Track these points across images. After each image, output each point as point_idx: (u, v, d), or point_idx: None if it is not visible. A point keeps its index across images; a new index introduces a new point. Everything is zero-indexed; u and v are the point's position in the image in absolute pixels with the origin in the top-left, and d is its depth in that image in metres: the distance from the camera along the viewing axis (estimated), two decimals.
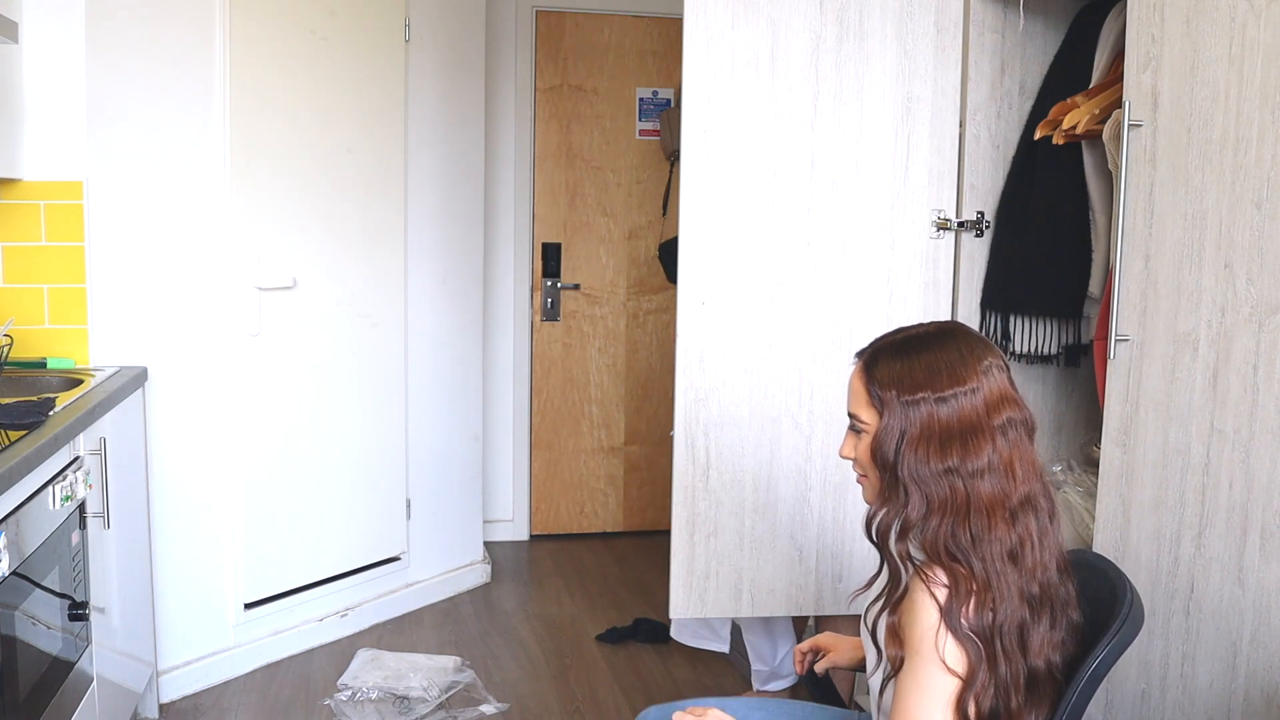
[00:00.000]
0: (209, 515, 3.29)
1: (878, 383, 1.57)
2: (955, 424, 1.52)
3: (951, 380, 1.54)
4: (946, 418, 1.53)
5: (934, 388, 1.53)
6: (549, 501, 4.85)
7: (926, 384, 1.54)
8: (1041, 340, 2.78)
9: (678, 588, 2.84)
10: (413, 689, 3.25)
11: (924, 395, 1.53)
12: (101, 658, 2.53)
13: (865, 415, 1.59)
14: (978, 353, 1.57)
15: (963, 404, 1.53)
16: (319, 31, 3.46)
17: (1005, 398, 1.56)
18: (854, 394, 1.61)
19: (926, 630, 1.48)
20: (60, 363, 2.95)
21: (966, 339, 1.59)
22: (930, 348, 1.57)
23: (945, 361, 1.55)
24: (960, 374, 1.54)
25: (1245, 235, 1.88)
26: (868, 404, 1.58)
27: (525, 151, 4.65)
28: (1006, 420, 1.54)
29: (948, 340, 1.58)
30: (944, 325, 1.64)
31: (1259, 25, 1.85)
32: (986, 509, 1.51)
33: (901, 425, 1.54)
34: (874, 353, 1.61)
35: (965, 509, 1.51)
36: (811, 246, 2.79)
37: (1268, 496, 1.85)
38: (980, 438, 1.52)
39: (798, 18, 2.71)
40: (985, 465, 1.51)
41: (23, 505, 2.03)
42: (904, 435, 1.53)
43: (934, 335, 1.60)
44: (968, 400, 1.53)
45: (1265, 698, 1.85)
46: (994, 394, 1.54)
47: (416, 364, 3.94)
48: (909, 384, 1.54)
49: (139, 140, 3.04)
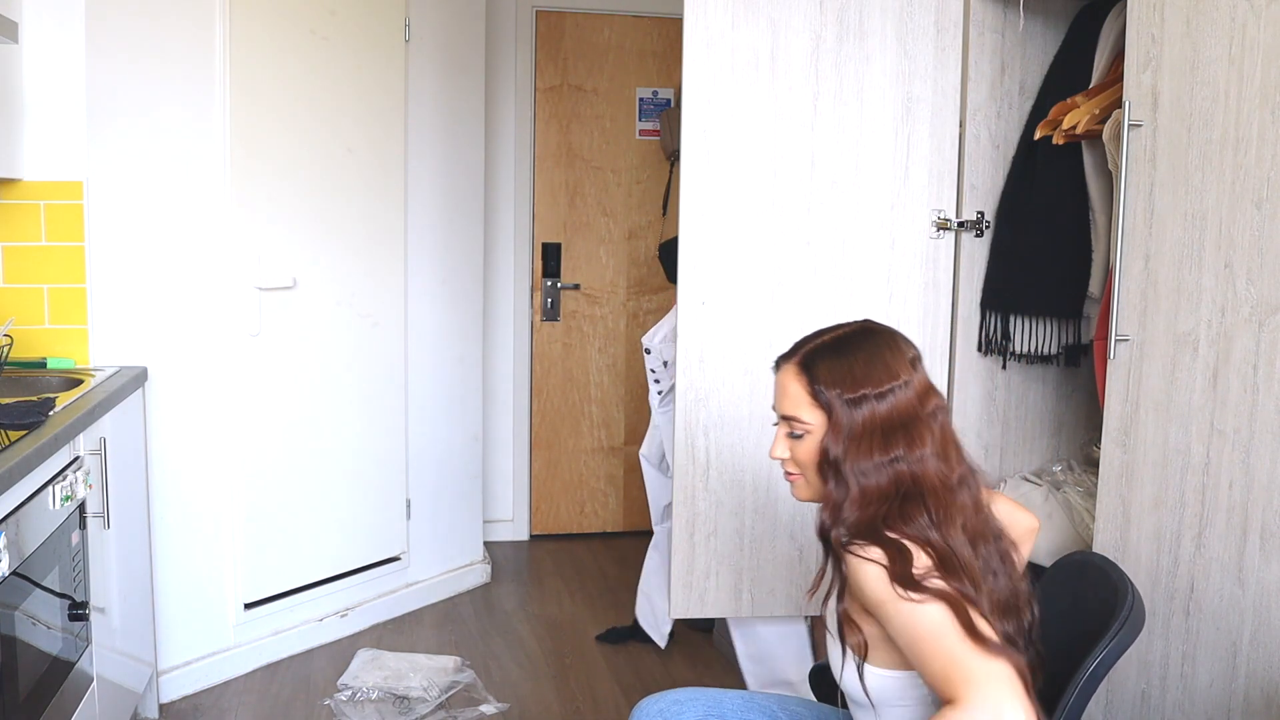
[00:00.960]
0: (209, 515, 3.29)
1: (821, 383, 1.62)
2: (896, 417, 1.60)
3: (888, 375, 1.61)
4: (887, 412, 1.60)
5: (873, 384, 1.61)
6: (549, 501, 4.85)
7: (866, 381, 1.61)
8: (1041, 340, 2.78)
9: (678, 588, 2.85)
10: (413, 689, 3.25)
11: (865, 392, 1.60)
12: (101, 658, 2.53)
13: (807, 416, 1.64)
14: (903, 347, 1.66)
15: (900, 398, 1.61)
16: (319, 31, 3.46)
17: (930, 387, 1.66)
18: (791, 396, 1.66)
19: (878, 582, 1.52)
20: (60, 363, 2.95)
21: (889, 335, 1.68)
22: (863, 345, 1.65)
23: (879, 358, 1.63)
24: (894, 369, 1.62)
25: (1245, 235, 1.88)
26: (810, 405, 1.63)
27: (525, 151, 4.65)
28: (935, 407, 1.64)
29: (875, 337, 1.67)
30: (864, 324, 1.71)
31: (1259, 25, 1.85)
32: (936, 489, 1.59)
33: (847, 423, 1.60)
34: (809, 354, 1.66)
35: (915, 492, 1.58)
36: (811, 246, 2.79)
37: (1268, 496, 1.85)
38: (920, 426, 1.61)
39: (798, 18, 2.71)
40: (927, 452, 1.60)
41: (23, 505, 2.03)
42: (850, 432, 1.60)
43: (860, 333, 1.68)
44: (904, 394, 1.61)
45: (1265, 698, 1.85)
46: (923, 384, 1.64)
47: (416, 364, 3.94)
48: (850, 382, 1.61)
49: (139, 140, 3.04)
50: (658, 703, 1.91)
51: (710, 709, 1.88)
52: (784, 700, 1.95)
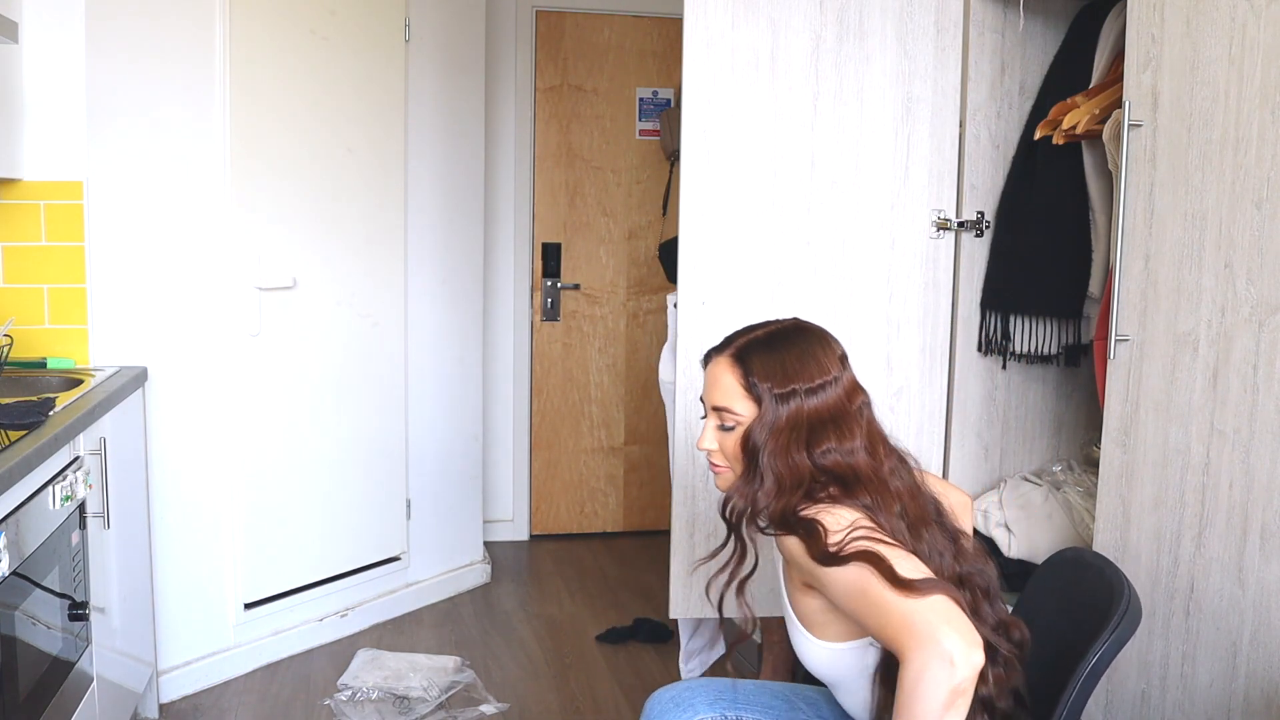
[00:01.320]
0: (209, 515, 3.29)
1: (755, 375, 1.66)
2: (825, 412, 1.65)
3: (819, 371, 1.66)
4: (817, 407, 1.64)
5: (804, 379, 1.65)
6: (549, 501, 4.85)
7: (798, 376, 1.65)
8: (1041, 340, 2.78)
9: (678, 588, 2.85)
10: (413, 689, 3.25)
11: (795, 387, 1.65)
12: (101, 658, 2.53)
13: (740, 407, 1.68)
14: (832, 344, 1.71)
15: (830, 394, 1.65)
16: (319, 31, 3.46)
17: (856, 384, 1.72)
18: (723, 388, 1.70)
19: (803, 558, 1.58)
20: (60, 363, 2.95)
21: (820, 333, 1.72)
22: (795, 342, 1.69)
23: (811, 354, 1.67)
24: (825, 365, 1.67)
25: (1245, 235, 1.88)
26: (744, 397, 1.67)
27: (525, 151, 4.65)
28: (862, 403, 1.69)
29: (807, 334, 1.71)
30: (795, 321, 1.75)
31: (1259, 25, 1.85)
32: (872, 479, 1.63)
33: (772, 416, 1.64)
34: (743, 348, 1.70)
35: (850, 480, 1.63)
36: (811, 246, 2.79)
37: (1268, 496, 1.85)
38: (849, 421, 1.65)
39: (798, 18, 2.71)
40: (857, 445, 1.65)
41: (23, 505, 2.03)
42: (774, 426, 1.64)
43: (793, 330, 1.72)
44: (833, 390, 1.66)
45: (1265, 698, 1.85)
46: (851, 382, 1.69)
47: (416, 364, 3.94)
48: (781, 377, 1.65)
49: (139, 140, 3.04)
50: (670, 690, 1.92)
51: (722, 694, 1.89)
52: (796, 688, 1.96)
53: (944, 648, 1.40)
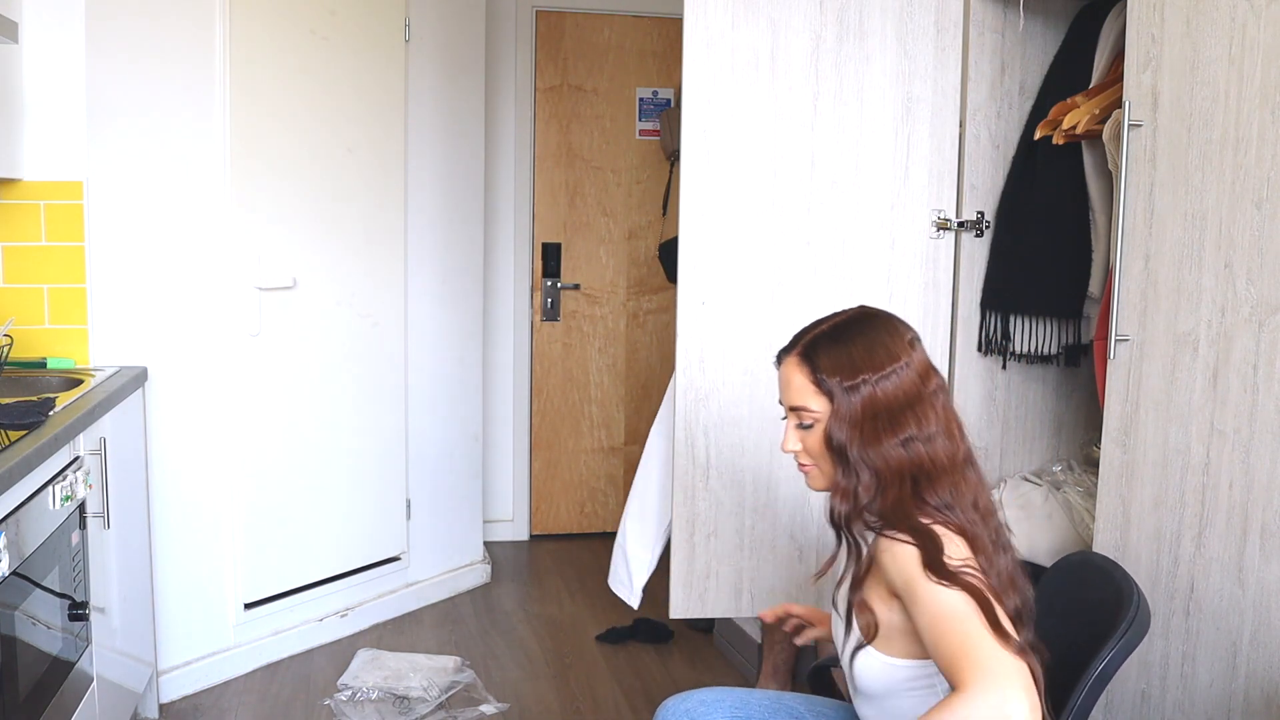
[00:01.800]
0: (209, 515, 3.29)
1: (824, 370, 1.64)
2: (900, 398, 1.62)
3: (888, 358, 1.63)
4: (891, 394, 1.62)
5: (874, 368, 1.62)
6: (549, 501, 4.85)
7: (866, 366, 1.62)
8: (1041, 340, 2.78)
9: (678, 588, 2.84)
10: (413, 689, 3.25)
11: (865, 377, 1.62)
12: (101, 658, 2.53)
13: (814, 404, 1.65)
14: (900, 329, 1.68)
15: (902, 379, 1.62)
16: (319, 31, 3.46)
17: (930, 366, 1.67)
18: (795, 387, 1.67)
19: (910, 563, 1.53)
20: (60, 363, 2.95)
21: (887, 318, 1.70)
22: (862, 331, 1.67)
23: (879, 342, 1.65)
24: (894, 351, 1.64)
25: (1245, 235, 1.88)
26: (815, 393, 1.65)
27: (525, 151, 4.65)
28: (937, 386, 1.66)
29: (875, 321, 1.69)
30: (862, 309, 1.73)
31: (1259, 25, 1.85)
32: (947, 467, 1.61)
33: (848, 408, 1.62)
34: (809, 344, 1.68)
35: (930, 472, 1.60)
36: (811, 246, 2.79)
37: (1268, 496, 1.85)
38: (924, 406, 1.63)
39: (798, 18, 2.71)
40: (935, 430, 1.62)
41: (23, 505, 2.03)
42: (852, 418, 1.61)
43: (858, 319, 1.70)
44: (905, 374, 1.63)
45: (1265, 698, 1.85)
46: (923, 364, 1.66)
47: (416, 364, 3.94)
48: (850, 368, 1.63)
49: (139, 140, 3.04)
50: (684, 702, 1.90)
51: (737, 709, 1.87)
52: (810, 700, 1.94)
53: (1008, 701, 1.38)
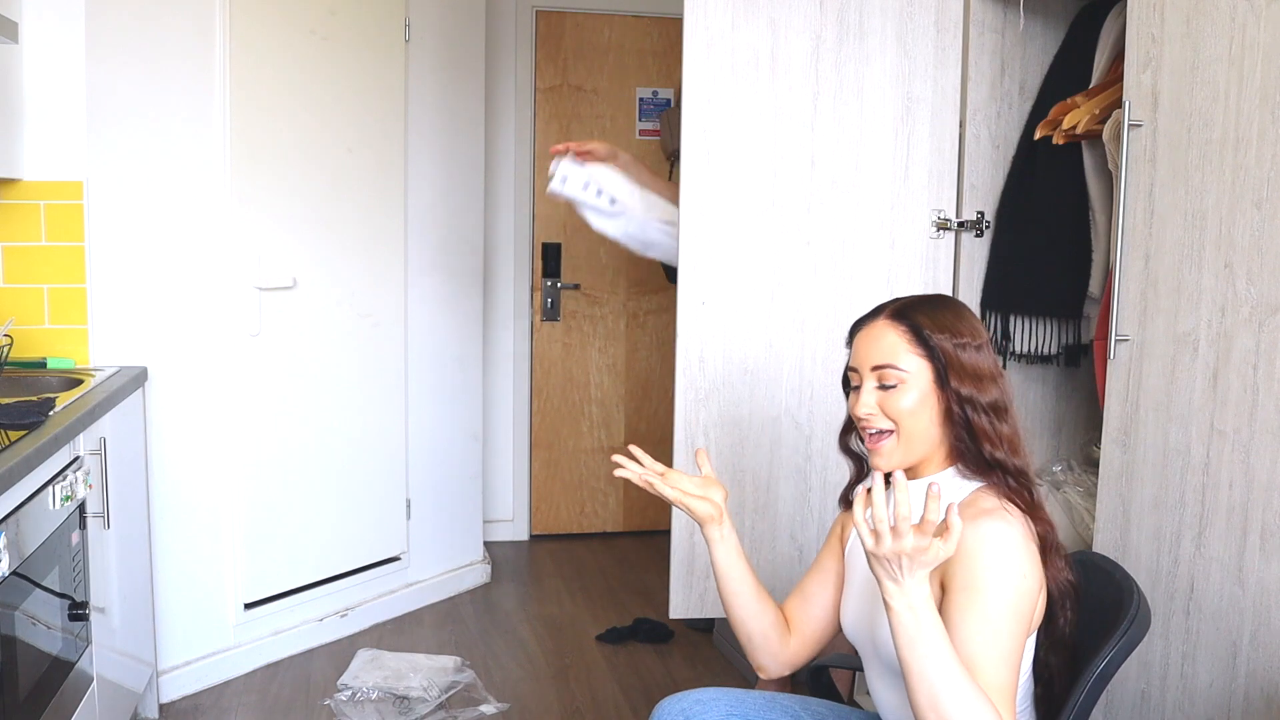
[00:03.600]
0: (209, 515, 3.29)
1: (926, 329, 1.65)
2: (987, 369, 1.66)
3: (977, 332, 1.67)
4: (981, 362, 1.65)
5: (972, 335, 1.66)
6: (549, 501, 4.85)
7: (966, 331, 1.66)
8: (1041, 340, 2.78)
9: (678, 588, 2.84)
10: (413, 689, 3.25)
11: (966, 340, 1.65)
12: (101, 658, 2.53)
13: (905, 363, 1.65)
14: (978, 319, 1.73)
15: (988, 353, 1.67)
16: (319, 31, 3.46)
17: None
18: (885, 346, 1.67)
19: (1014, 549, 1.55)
20: (60, 363, 2.95)
21: (966, 306, 1.74)
22: (950, 304, 1.71)
23: (968, 316, 1.69)
24: (977, 328, 1.68)
25: (1245, 235, 1.88)
26: (909, 351, 1.65)
27: (525, 151, 4.65)
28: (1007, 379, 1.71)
29: (959, 306, 1.73)
30: (945, 296, 1.77)
31: (1259, 25, 1.85)
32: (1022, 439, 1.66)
33: (970, 362, 1.64)
34: (899, 309, 1.70)
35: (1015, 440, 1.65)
36: (811, 246, 2.79)
37: (1268, 496, 1.85)
38: (1003, 382, 1.67)
39: (798, 18, 2.71)
40: (1008, 403, 1.66)
41: (23, 505, 2.03)
42: (975, 371, 1.64)
43: (947, 301, 1.73)
44: (989, 351, 1.68)
45: (1265, 698, 1.85)
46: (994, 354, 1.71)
47: (416, 364, 3.94)
48: (954, 330, 1.65)
49: (139, 140, 3.04)
50: (680, 702, 1.89)
51: (733, 709, 1.87)
52: (805, 701, 1.94)
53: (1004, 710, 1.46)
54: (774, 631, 1.87)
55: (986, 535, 1.54)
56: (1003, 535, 1.54)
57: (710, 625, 3.75)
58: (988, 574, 1.52)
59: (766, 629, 1.86)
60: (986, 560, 1.53)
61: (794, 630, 1.88)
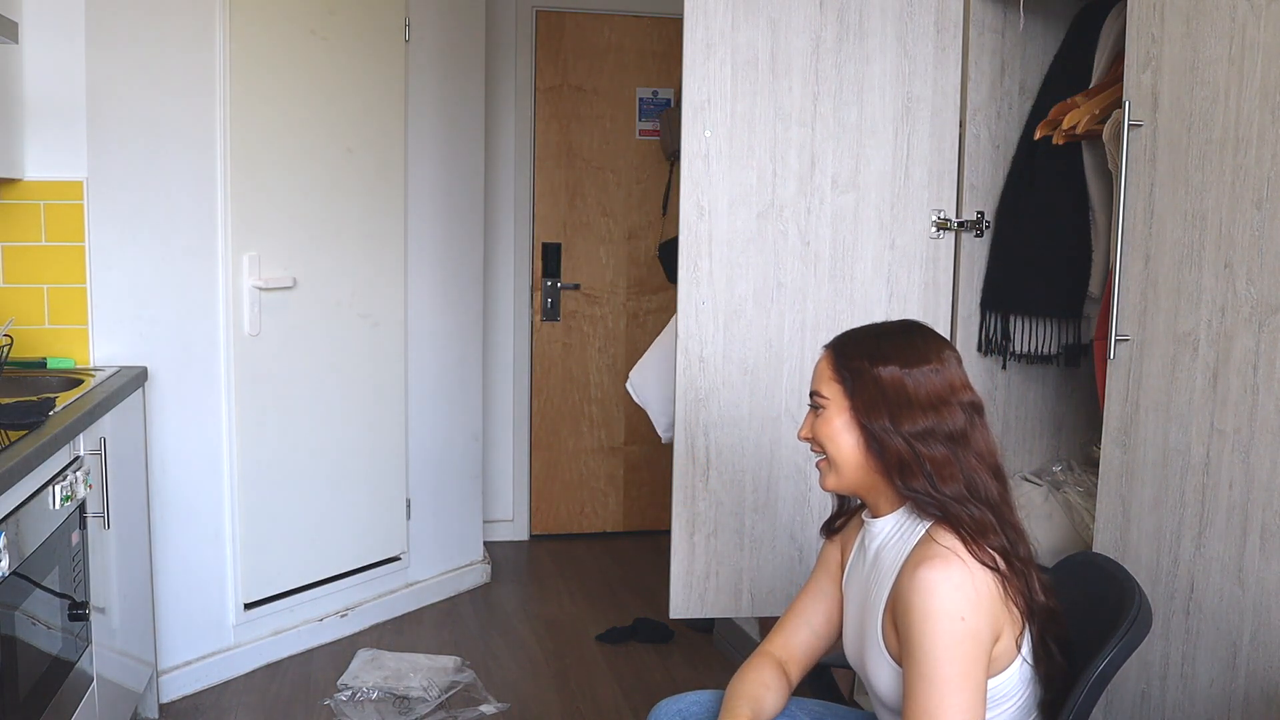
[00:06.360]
0: (209, 515, 3.29)
1: (848, 356, 1.66)
2: (924, 394, 1.60)
3: (918, 358, 1.63)
4: (915, 386, 1.61)
5: (902, 361, 1.62)
6: (549, 501, 4.85)
7: (895, 357, 1.63)
8: (1041, 340, 2.78)
9: (678, 588, 2.84)
10: (413, 689, 3.25)
11: (894, 365, 1.62)
12: (101, 658, 2.53)
13: (826, 390, 1.67)
14: (939, 343, 1.68)
15: (930, 378, 1.61)
16: (318, 31, 3.46)
17: (965, 383, 1.65)
18: (818, 373, 1.70)
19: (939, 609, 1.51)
20: (60, 363, 2.95)
21: (930, 331, 1.70)
22: (898, 332, 1.69)
23: (911, 344, 1.65)
24: (925, 354, 1.63)
25: (1245, 235, 1.88)
26: (831, 379, 1.66)
27: (525, 151, 4.65)
28: (969, 401, 1.64)
29: (913, 330, 1.70)
30: (908, 321, 1.74)
31: (1259, 25, 1.85)
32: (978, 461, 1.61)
33: (873, 389, 1.62)
34: (843, 338, 1.71)
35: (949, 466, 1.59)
36: (811, 246, 2.79)
37: (1268, 496, 1.85)
38: (950, 407, 1.61)
39: (798, 18, 2.71)
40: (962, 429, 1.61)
41: (23, 505, 2.03)
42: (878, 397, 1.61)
43: (900, 327, 1.71)
44: (935, 376, 1.62)
45: (1265, 698, 1.85)
46: (956, 378, 1.64)
47: (416, 364, 3.94)
48: (878, 355, 1.63)
49: (139, 140, 3.04)
50: (676, 704, 1.90)
51: None
52: (802, 702, 1.94)
53: None
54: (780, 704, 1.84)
55: (918, 587, 1.52)
56: (933, 585, 1.51)
57: (710, 625, 3.75)
58: (922, 629, 1.51)
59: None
60: (917, 615, 1.51)
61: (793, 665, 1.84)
